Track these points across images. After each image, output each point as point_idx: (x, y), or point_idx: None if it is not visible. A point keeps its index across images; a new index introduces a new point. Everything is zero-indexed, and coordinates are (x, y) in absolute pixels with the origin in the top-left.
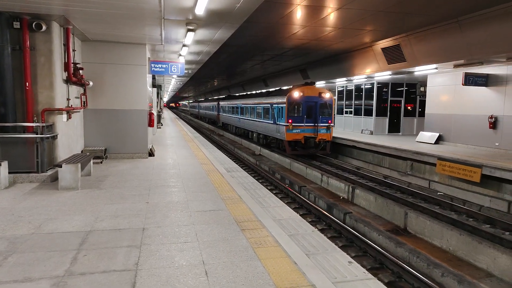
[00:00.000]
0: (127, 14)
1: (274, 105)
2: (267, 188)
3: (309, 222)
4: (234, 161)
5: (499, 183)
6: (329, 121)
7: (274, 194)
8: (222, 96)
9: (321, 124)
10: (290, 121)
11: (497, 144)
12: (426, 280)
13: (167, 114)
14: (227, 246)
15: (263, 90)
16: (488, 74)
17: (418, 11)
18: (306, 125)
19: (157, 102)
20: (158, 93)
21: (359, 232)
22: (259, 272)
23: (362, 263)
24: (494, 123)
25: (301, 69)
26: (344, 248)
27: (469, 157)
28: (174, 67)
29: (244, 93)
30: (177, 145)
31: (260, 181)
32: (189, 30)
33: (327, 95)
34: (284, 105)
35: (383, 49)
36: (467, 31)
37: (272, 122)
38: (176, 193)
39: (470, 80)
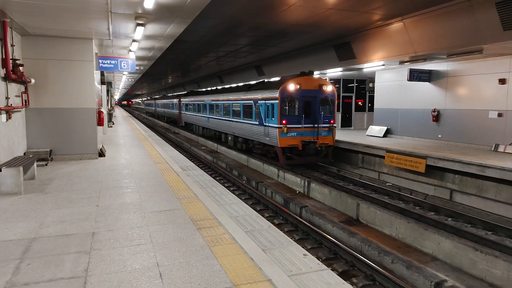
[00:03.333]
0: (70, 7)
1: (260, 102)
2: (224, 186)
3: (266, 217)
4: (190, 159)
5: (442, 173)
6: (332, 121)
7: (231, 191)
8: (184, 92)
9: (322, 125)
10: (284, 121)
11: (439, 136)
12: (377, 267)
13: (119, 112)
14: (182, 246)
15: (241, 84)
16: (430, 70)
17: (365, 11)
18: (304, 127)
19: (107, 100)
20: (108, 91)
21: (315, 224)
22: (215, 271)
23: (317, 255)
24: (436, 116)
25: (256, 66)
26: (300, 241)
27: (415, 149)
28: (124, 63)
29: (215, 88)
30: (130, 145)
31: (217, 178)
32: (138, 24)
33: (329, 88)
34: (276, 101)
35: (335, 46)
36: (411, 28)
37: (257, 123)
38: (129, 194)
39: (415, 76)
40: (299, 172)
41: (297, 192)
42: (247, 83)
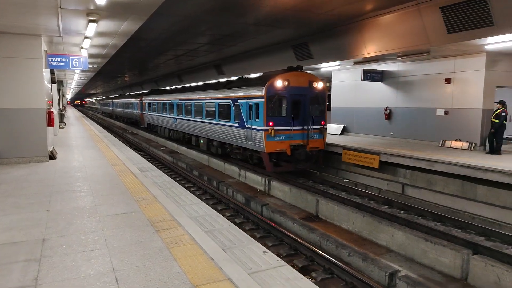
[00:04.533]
0: (16, 1)
1: (240, 101)
2: (184, 186)
3: (227, 216)
4: (149, 160)
5: (394, 168)
6: (322, 122)
7: (191, 191)
8: (146, 91)
9: (312, 127)
10: (271, 123)
11: (391, 133)
12: (335, 261)
13: (71, 112)
14: (140, 250)
15: (214, 81)
16: (383, 71)
17: (321, 13)
18: (293, 129)
19: (59, 100)
20: (59, 90)
21: (276, 222)
22: (175, 273)
23: (278, 252)
24: (388, 115)
25: (216, 65)
26: (261, 239)
27: (369, 146)
28: (75, 61)
29: (184, 86)
30: (83, 146)
31: (177, 179)
32: (90, 21)
33: (319, 85)
34: (261, 100)
35: (293, 47)
36: (364, 31)
37: (237, 125)
38: (82, 197)
39: (368, 76)
40: (259, 170)
41: (258, 190)
42: (224, 79)
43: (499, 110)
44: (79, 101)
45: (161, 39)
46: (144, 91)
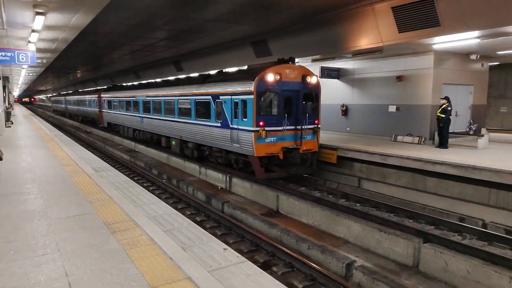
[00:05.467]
0: None
1: (223, 98)
2: (143, 185)
3: (188, 215)
4: (105, 160)
5: (351, 163)
6: (316, 121)
7: (150, 190)
8: (105, 87)
9: (306, 127)
10: (261, 123)
11: (348, 129)
12: (295, 255)
13: (19, 110)
14: (95, 253)
15: (187, 76)
16: (339, 68)
17: (280, 10)
18: (286, 129)
19: (4, 97)
20: (4, 87)
21: (237, 219)
22: (132, 275)
23: (239, 248)
24: (345, 111)
25: (175, 61)
26: (223, 236)
27: (328, 141)
28: (22, 55)
29: (152, 81)
30: (33, 146)
31: (135, 178)
32: (38, 13)
33: (313, 80)
34: (250, 96)
35: (252, 43)
36: (319, 29)
37: (218, 125)
38: (31, 200)
39: (325, 73)
40: (221, 168)
41: (219, 188)
42: (202, 73)
43: (445, 105)
44: (27, 99)
45: (116, 33)
46: (103, 87)
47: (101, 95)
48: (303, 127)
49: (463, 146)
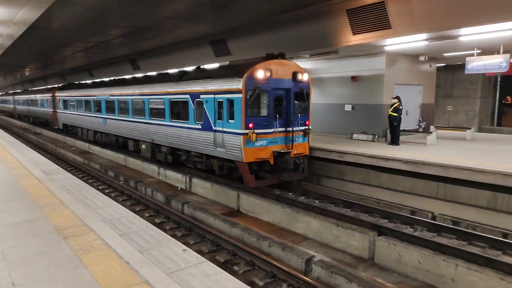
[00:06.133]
0: None
1: (205, 97)
2: (98, 188)
3: (146, 217)
4: (56, 162)
5: (310, 161)
6: (307, 122)
7: (106, 193)
8: (59, 85)
9: (297, 128)
10: (251, 125)
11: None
12: (256, 253)
13: None
14: (45, 260)
15: (159, 73)
16: None
17: (239, 10)
18: (278, 131)
19: None
20: None
21: (198, 219)
22: (85, 281)
23: (200, 249)
24: None
25: (131, 59)
26: (183, 237)
27: None
28: None
29: (117, 78)
30: None
31: (90, 181)
32: None
33: (305, 77)
34: (238, 95)
35: (211, 42)
36: (278, 30)
37: (199, 127)
38: None
39: None
40: (180, 168)
41: (179, 188)
42: (179, 69)
43: (396, 105)
44: None
45: (68, 29)
46: (58, 85)
47: (56, 94)
48: (294, 128)
49: (413, 143)
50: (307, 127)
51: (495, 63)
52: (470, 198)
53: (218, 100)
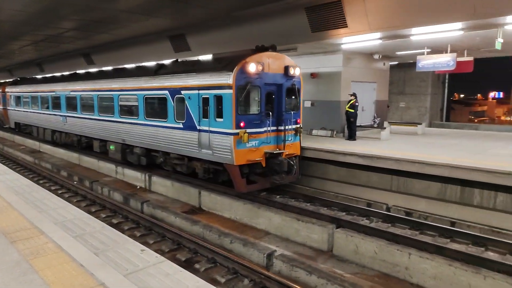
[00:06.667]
0: None
1: (186, 92)
2: (50, 189)
3: (103, 218)
4: (3, 162)
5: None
6: (298, 120)
7: (58, 194)
8: (11, 80)
9: (289, 127)
10: (242, 124)
11: None
12: (217, 250)
13: None
14: None
15: (142, 64)
16: None
17: (197, 5)
18: (270, 130)
19: None
20: None
21: (158, 218)
22: (36, 286)
23: (160, 248)
24: None
25: (85, 54)
26: (142, 237)
27: None
28: None
29: (80, 72)
30: None
31: (41, 182)
32: None
33: (297, 72)
34: (228, 91)
35: (170, 38)
36: (238, 26)
37: (179, 126)
38: None
39: None
40: (139, 166)
41: (138, 187)
42: (156, 62)
43: (353, 101)
44: None
45: (15, 21)
46: (9, 80)
47: (6, 90)
48: (286, 127)
49: (369, 138)
50: (298, 125)
51: (444, 61)
52: (421, 190)
53: (203, 96)
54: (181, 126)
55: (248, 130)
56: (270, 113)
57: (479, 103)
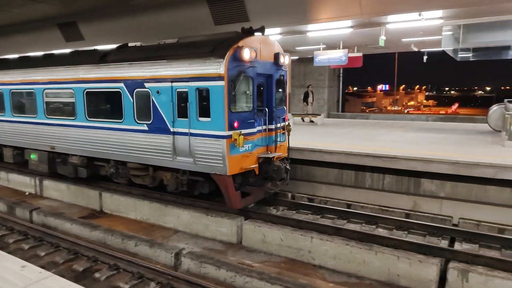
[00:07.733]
0: None
1: (154, 85)
2: None
3: None
4: None
5: None
6: (286, 117)
7: None
8: None
9: (280, 125)
10: (236, 123)
11: None
12: (120, 255)
13: None
14: None
15: (79, 49)
16: None
17: None
18: (262, 130)
19: None
20: None
21: (50, 227)
22: None
23: (54, 260)
24: None
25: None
26: (32, 249)
27: None
28: None
29: None
30: None
31: None
32: None
33: (286, 60)
34: (218, 82)
35: (59, 25)
36: (138, 15)
37: (144, 128)
38: None
39: None
40: (27, 170)
41: (27, 193)
42: (97, 48)
43: None
44: None
45: None
46: None
47: None
48: (276, 124)
49: None
50: (287, 123)
51: (337, 57)
52: (322, 177)
53: (179, 90)
54: (145, 128)
55: (243, 131)
56: (266, 110)
57: (369, 95)
